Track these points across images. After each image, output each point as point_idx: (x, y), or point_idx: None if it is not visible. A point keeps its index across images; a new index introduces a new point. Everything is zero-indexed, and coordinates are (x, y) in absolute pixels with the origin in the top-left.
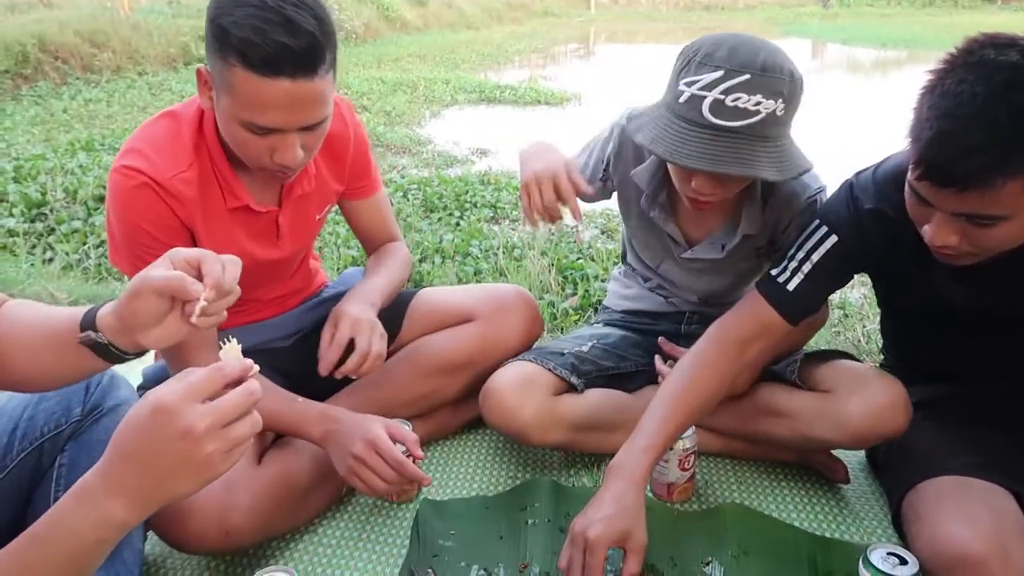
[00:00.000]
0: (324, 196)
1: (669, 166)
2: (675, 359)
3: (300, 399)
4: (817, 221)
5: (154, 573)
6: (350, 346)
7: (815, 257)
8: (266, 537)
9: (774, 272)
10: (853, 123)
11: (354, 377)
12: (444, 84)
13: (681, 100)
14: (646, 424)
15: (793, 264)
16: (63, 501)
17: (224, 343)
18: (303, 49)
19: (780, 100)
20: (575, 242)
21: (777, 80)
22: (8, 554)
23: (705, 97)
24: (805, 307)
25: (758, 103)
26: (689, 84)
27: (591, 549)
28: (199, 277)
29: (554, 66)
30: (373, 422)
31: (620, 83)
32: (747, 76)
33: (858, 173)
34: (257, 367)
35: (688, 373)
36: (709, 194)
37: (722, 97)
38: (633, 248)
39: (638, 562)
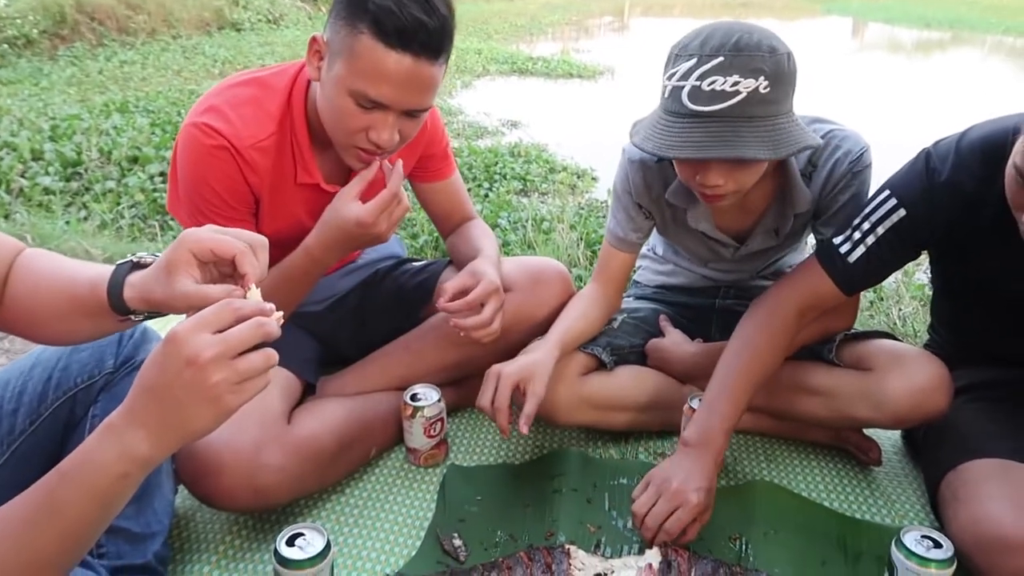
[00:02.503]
0: None
1: (675, 165)
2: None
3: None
4: (887, 192)
5: (184, 526)
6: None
7: (880, 230)
8: (295, 496)
9: (836, 241)
10: (892, 104)
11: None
12: (476, 54)
13: (665, 95)
14: (721, 398)
15: (857, 235)
16: (89, 438)
17: (250, 288)
18: (435, 29)
19: (762, 77)
20: (604, 216)
21: (754, 57)
22: (36, 489)
23: (683, 86)
24: (863, 280)
25: (736, 83)
26: (670, 78)
27: (689, 509)
28: (229, 268)
29: (588, 39)
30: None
31: (654, 58)
32: (720, 59)
33: (937, 143)
34: (280, 313)
35: (754, 342)
36: (716, 187)
37: (698, 83)
38: (669, 245)
39: (697, 532)
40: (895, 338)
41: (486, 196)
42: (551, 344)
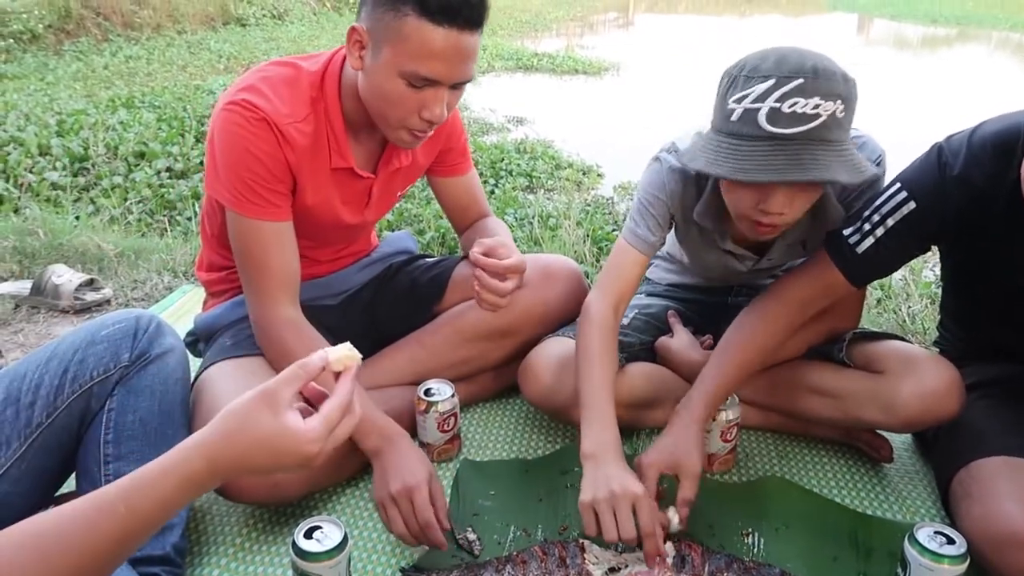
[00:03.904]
0: (412, 173)
1: (728, 196)
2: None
3: (369, 402)
4: (898, 185)
5: (201, 518)
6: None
7: (890, 222)
8: (311, 490)
9: (846, 232)
10: (898, 101)
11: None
12: (481, 51)
13: (733, 118)
14: (706, 371)
15: (867, 226)
16: (165, 483)
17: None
18: (476, 1)
19: (839, 101)
20: (610, 213)
21: (831, 82)
22: (99, 513)
23: (759, 108)
24: (872, 272)
25: (816, 106)
26: (739, 100)
27: (644, 472)
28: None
29: (592, 35)
30: (422, 467)
31: (660, 54)
32: (800, 80)
33: (949, 137)
34: (360, 357)
35: (748, 325)
36: (778, 215)
37: (778, 105)
38: (675, 259)
39: (692, 487)
40: (905, 340)
41: (492, 192)
42: (616, 441)
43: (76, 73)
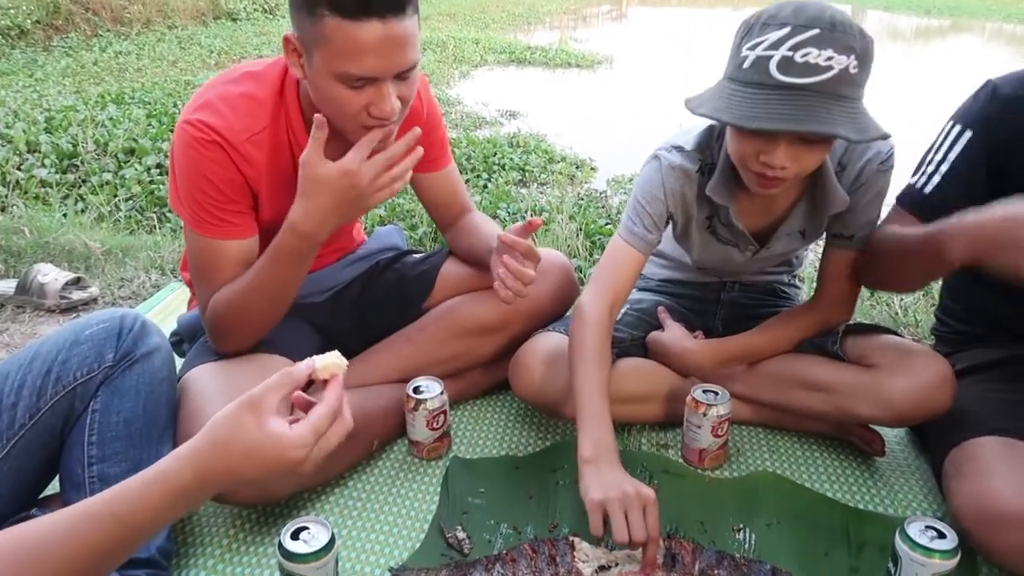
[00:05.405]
0: None
1: (732, 144)
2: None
3: None
4: (951, 122)
5: (187, 520)
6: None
7: (952, 156)
8: (298, 490)
9: (912, 180)
10: (892, 93)
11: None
12: (474, 44)
13: (745, 66)
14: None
15: (930, 168)
16: (151, 491)
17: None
18: None
19: (853, 56)
20: (603, 207)
21: (848, 35)
22: (84, 522)
23: (772, 56)
24: (940, 210)
25: (829, 58)
26: (753, 47)
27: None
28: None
29: (585, 28)
30: None
31: (653, 47)
32: (816, 31)
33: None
34: (346, 364)
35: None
36: (781, 169)
37: (790, 54)
38: (672, 259)
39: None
40: (898, 334)
41: (485, 187)
42: (613, 444)
43: (65, 69)
